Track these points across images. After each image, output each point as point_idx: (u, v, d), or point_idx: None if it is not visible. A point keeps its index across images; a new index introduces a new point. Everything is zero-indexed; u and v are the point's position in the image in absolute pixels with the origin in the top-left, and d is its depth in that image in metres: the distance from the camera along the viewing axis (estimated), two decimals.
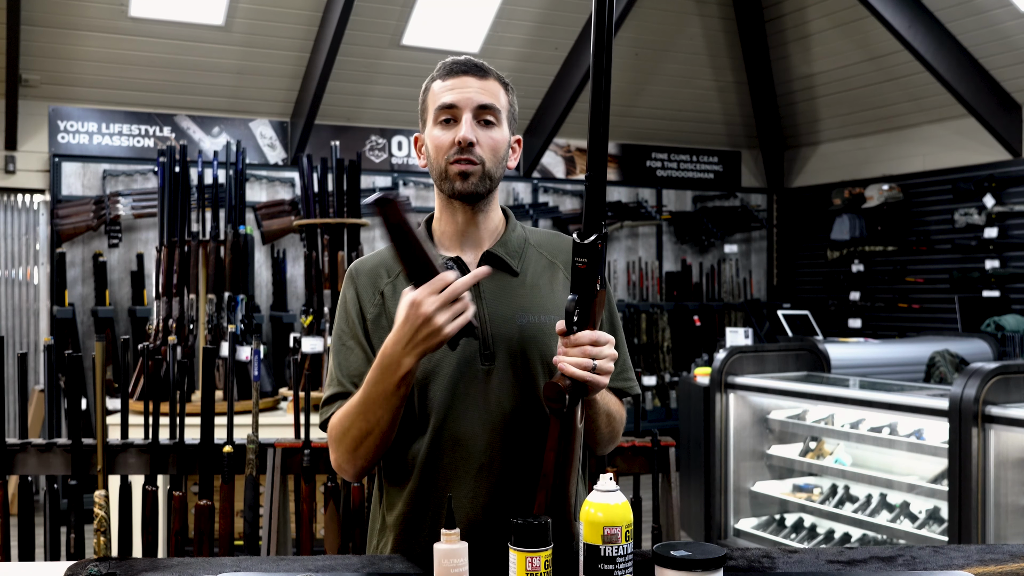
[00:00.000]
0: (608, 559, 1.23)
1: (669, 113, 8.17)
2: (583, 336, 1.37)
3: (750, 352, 4.72)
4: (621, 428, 1.61)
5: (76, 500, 2.45)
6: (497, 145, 1.54)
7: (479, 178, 1.52)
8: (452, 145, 1.51)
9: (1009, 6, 6.05)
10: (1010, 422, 3.29)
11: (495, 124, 1.54)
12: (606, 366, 1.37)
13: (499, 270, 1.55)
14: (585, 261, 1.37)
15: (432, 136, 1.55)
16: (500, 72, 1.60)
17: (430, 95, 1.57)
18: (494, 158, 1.54)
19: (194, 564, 1.51)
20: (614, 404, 1.57)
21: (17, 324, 6.46)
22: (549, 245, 1.64)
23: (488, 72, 1.56)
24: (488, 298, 1.54)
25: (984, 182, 6.71)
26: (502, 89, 1.57)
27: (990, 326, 5.93)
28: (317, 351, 4.08)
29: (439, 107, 1.53)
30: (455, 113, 1.52)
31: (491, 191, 1.56)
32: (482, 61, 1.58)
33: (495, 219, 1.61)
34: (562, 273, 1.60)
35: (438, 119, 1.54)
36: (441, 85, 1.55)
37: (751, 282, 8.48)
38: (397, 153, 7.37)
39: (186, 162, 4.21)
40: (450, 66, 1.56)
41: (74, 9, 6.02)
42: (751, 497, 4.66)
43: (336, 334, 1.59)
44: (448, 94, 1.53)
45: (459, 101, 1.52)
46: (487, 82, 1.55)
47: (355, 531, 2.52)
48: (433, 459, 1.52)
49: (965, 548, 1.55)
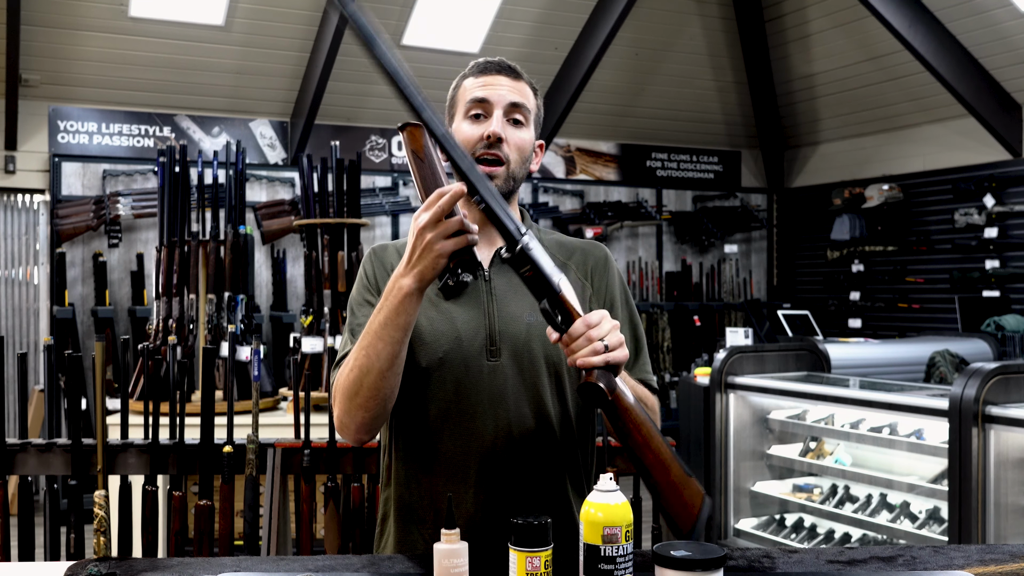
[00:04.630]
0: (608, 559, 1.23)
1: (669, 113, 8.17)
2: (577, 327, 1.36)
3: (750, 352, 4.72)
4: (655, 413, 1.59)
5: (76, 500, 2.45)
6: (524, 145, 1.57)
7: (503, 180, 1.54)
8: (480, 140, 1.53)
9: (1009, 6, 6.04)
10: (1010, 422, 3.29)
11: (524, 124, 1.57)
12: (615, 338, 1.36)
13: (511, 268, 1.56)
14: (528, 268, 1.37)
15: (460, 130, 1.56)
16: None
17: (461, 91, 1.59)
18: (519, 158, 1.56)
19: (194, 564, 1.51)
20: (643, 391, 1.55)
21: (17, 324, 6.46)
22: (561, 247, 1.65)
23: (520, 75, 1.59)
24: (498, 295, 1.55)
25: (984, 182, 6.71)
26: (532, 93, 1.60)
27: (990, 326, 5.93)
28: (317, 351, 4.07)
29: (471, 100, 1.55)
30: (486, 108, 1.55)
31: (513, 191, 1.58)
32: (515, 65, 1.61)
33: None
34: (575, 274, 1.61)
35: (468, 113, 1.56)
36: (473, 82, 1.57)
37: (751, 282, 8.48)
38: (397, 153, 7.37)
39: (186, 162, 4.21)
40: (484, 64, 1.59)
41: (74, 9, 6.02)
42: (751, 497, 4.66)
43: (350, 304, 1.61)
44: (480, 90, 1.56)
45: (491, 97, 1.55)
46: (519, 83, 1.58)
47: (355, 531, 2.51)
48: (437, 450, 1.53)
49: (965, 548, 1.55)
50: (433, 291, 1.54)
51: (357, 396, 1.44)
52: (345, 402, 1.47)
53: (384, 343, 1.41)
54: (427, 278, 1.36)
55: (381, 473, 1.63)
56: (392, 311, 1.39)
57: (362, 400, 1.44)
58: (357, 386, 1.44)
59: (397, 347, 1.41)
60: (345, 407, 1.47)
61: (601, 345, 1.34)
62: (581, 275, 1.62)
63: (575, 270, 1.62)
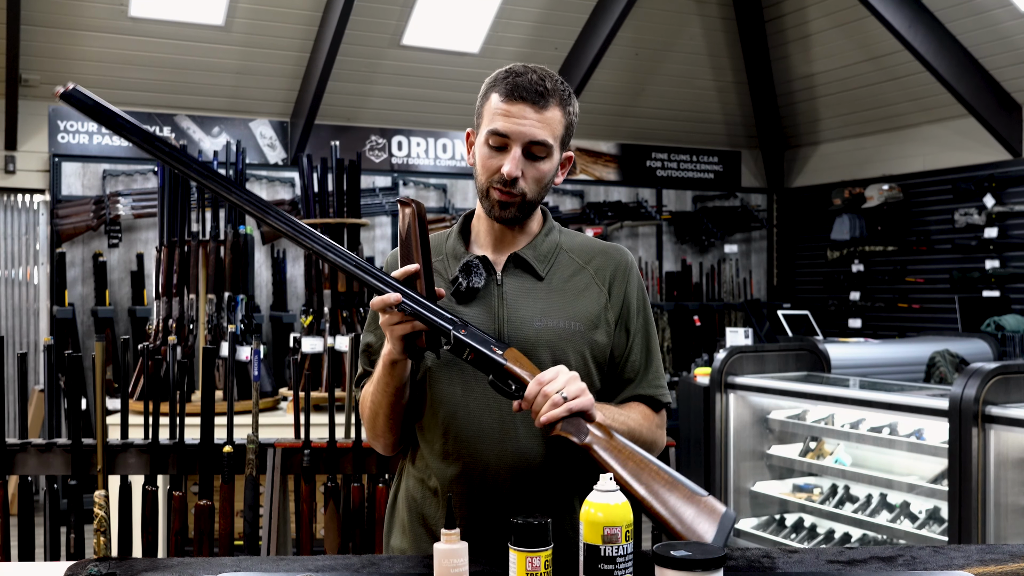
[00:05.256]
0: (608, 559, 1.23)
1: (669, 113, 8.17)
2: (531, 389, 1.40)
3: (750, 352, 4.71)
4: (653, 438, 1.58)
5: (76, 500, 2.45)
6: (543, 176, 1.54)
7: (518, 208, 1.54)
8: (497, 172, 1.51)
9: (1009, 6, 6.05)
10: (1010, 422, 3.29)
11: (544, 157, 1.53)
12: (574, 388, 1.39)
13: (525, 272, 1.57)
14: (468, 352, 1.42)
15: (481, 152, 1.54)
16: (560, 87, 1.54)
17: (487, 108, 1.53)
18: (537, 188, 1.54)
19: (194, 564, 1.51)
20: (634, 420, 1.55)
21: (17, 324, 6.46)
22: (582, 250, 1.64)
23: (548, 100, 1.51)
24: (509, 299, 1.55)
25: (984, 182, 6.71)
26: (560, 113, 1.53)
27: (990, 326, 5.93)
28: (317, 351, 4.07)
29: (491, 131, 1.51)
30: (506, 143, 1.51)
31: (530, 215, 1.59)
32: (546, 83, 1.51)
33: (532, 224, 1.62)
34: (591, 279, 1.61)
35: (488, 140, 1.52)
36: (498, 106, 1.51)
37: (751, 282, 8.48)
38: (397, 153, 7.37)
39: None
40: (512, 86, 1.50)
41: (74, 9, 6.02)
42: (751, 497, 4.66)
43: (368, 317, 1.67)
44: (502, 121, 1.50)
45: (512, 133, 1.49)
46: (545, 112, 1.50)
47: (355, 531, 2.52)
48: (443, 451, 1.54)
49: (965, 548, 1.55)
50: (447, 293, 1.56)
51: (376, 426, 1.58)
52: (370, 430, 1.62)
53: (383, 395, 1.52)
54: (396, 351, 1.45)
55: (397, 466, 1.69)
56: (383, 374, 1.50)
57: (381, 430, 1.58)
58: (373, 422, 1.58)
59: (393, 399, 1.52)
60: (371, 434, 1.62)
61: (559, 398, 1.38)
62: (599, 280, 1.60)
63: (592, 274, 1.61)
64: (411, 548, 1.59)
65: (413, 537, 1.59)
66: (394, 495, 1.66)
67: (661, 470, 1.39)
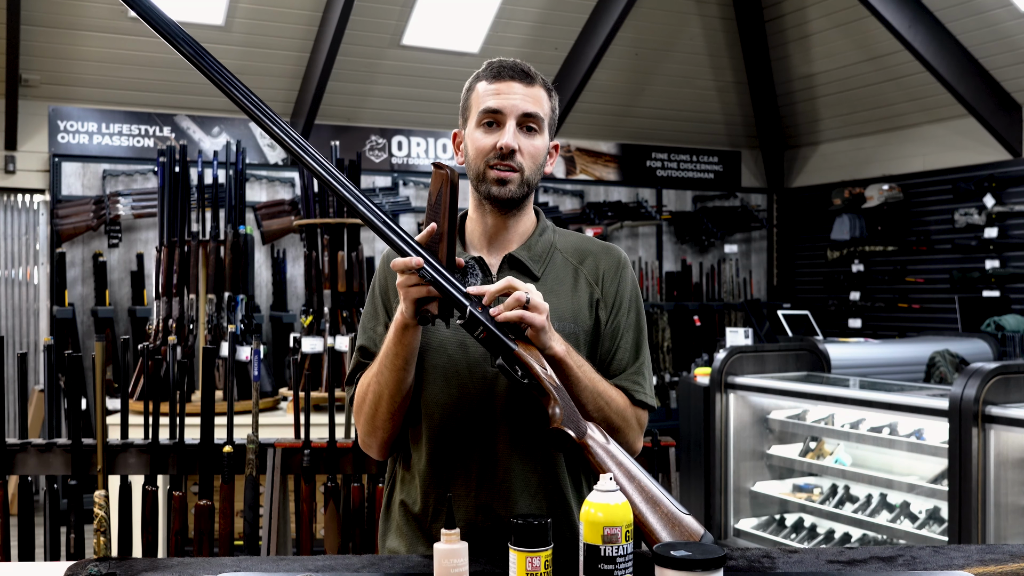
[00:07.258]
0: (608, 559, 1.23)
1: (669, 113, 8.17)
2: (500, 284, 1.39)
3: (750, 352, 4.72)
4: (619, 419, 1.53)
5: (76, 500, 2.45)
6: (538, 152, 1.55)
7: (517, 185, 1.54)
8: (493, 149, 1.52)
9: (1009, 6, 6.05)
10: (1010, 422, 3.29)
11: (537, 132, 1.55)
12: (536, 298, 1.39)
13: (520, 273, 1.57)
14: (481, 330, 1.39)
15: (473, 137, 1.55)
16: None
17: (474, 95, 1.57)
18: (533, 165, 1.55)
19: (194, 564, 1.51)
20: (603, 385, 1.51)
21: (17, 324, 6.46)
22: (575, 250, 1.64)
23: (534, 78, 1.56)
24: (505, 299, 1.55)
25: (984, 182, 6.71)
26: (546, 95, 1.57)
27: (990, 326, 5.93)
28: (317, 351, 4.07)
29: (483, 110, 1.53)
30: (499, 118, 1.53)
31: (527, 196, 1.58)
32: (529, 67, 1.57)
33: (526, 222, 1.62)
34: (585, 278, 1.61)
35: (481, 121, 1.54)
36: (487, 88, 1.55)
37: (751, 282, 8.48)
38: (397, 153, 7.37)
39: (186, 162, 4.21)
40: (497, 69, 1.56)
41: (74, 9, 6.02)
42: (751, 497, 4.66)
43: (364, 312, 1.64)
44: (493, 99, 1.53)
45: (504, 107, 1.52)
46: (533, 89, 1.55)
47: (355, 531, 2.52)
48: (435, 456, 1.54)
49: (965, 548, 1.55)
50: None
51: (375, 420, 1.53)
52: (366, 425, 1.55)
53: (389, 371, 1.47)
54: (408, 314, 1.40)
55: (387, 471, 1.66)
56: (392, 341, 1.45)
57: (380, 423, 1.53)
58: (373, 412, 1.52)
59: (400, 374, 1.47)
60: (366, 429, 1.55)
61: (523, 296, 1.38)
62: (592, 278, 1.61)
63: (585, 274, 1.61)
64: (406, 551, 1.58)
65: (409, 541, 1.58)
66: (387, 500, 1.64)
67: (647, 486, 1.39)
